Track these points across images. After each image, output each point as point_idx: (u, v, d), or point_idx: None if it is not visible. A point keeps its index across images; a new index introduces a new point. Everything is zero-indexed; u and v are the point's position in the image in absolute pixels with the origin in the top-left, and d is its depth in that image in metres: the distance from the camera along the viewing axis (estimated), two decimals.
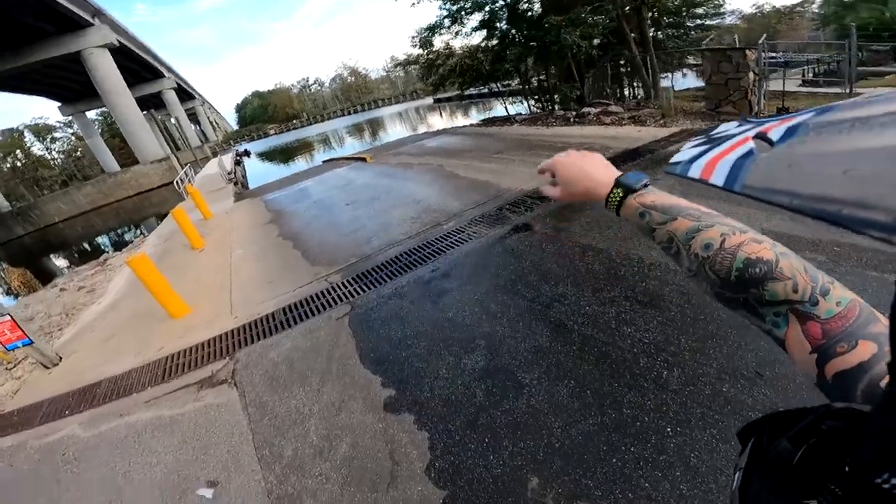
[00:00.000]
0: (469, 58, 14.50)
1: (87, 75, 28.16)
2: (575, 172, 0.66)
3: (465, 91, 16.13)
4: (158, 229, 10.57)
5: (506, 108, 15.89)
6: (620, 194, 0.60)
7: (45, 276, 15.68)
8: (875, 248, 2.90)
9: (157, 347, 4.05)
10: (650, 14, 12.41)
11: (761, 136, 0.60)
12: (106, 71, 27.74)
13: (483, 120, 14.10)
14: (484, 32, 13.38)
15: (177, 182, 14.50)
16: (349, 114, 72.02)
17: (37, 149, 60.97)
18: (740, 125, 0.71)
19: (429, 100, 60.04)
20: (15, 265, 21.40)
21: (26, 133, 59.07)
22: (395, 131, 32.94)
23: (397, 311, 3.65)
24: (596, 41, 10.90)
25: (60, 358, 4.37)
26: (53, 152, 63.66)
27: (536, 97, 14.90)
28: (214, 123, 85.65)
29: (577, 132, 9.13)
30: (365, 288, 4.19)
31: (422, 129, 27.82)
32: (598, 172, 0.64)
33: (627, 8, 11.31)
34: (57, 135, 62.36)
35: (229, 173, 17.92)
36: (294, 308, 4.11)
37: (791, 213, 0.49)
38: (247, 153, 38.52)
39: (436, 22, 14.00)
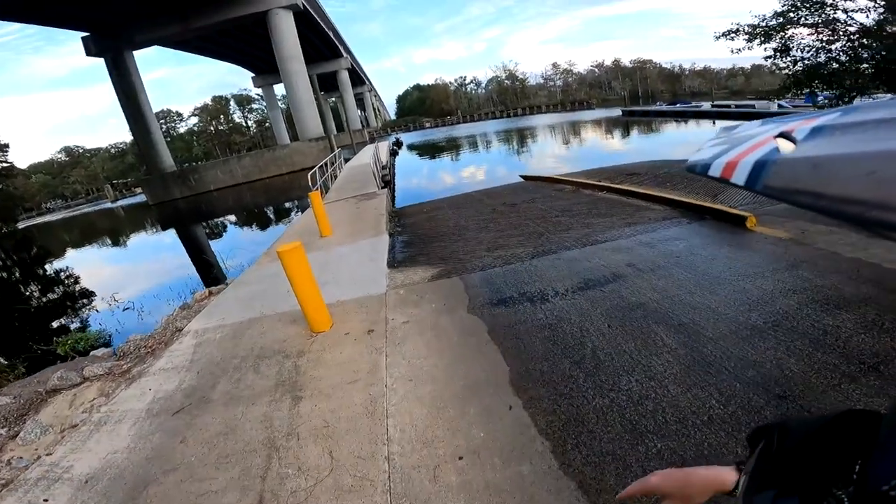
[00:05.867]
0: None
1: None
2: (680, 474, 0.56)
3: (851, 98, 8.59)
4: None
5: None
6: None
7: (186, 244, 12.57)
8: None
9: None
10: None
11: (785, 136, 0.58)
12: (285, 34, 27.16)
13: None
14: None
15: (310, 176, 9.89)
16: (501, 117, 66.71)
17: (237, 117, 70.78)
18: (763, 124, 0.69)
19: (596, 112, 50.33)
20: (164, 227, 21.11)
21: (231, 102, 68.79)
22: (551, 145, 26.65)
23: None
24: None
25: None
26: (249, 121, 73.34)
27: None
28: (377, 110, 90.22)
29: None
30: None
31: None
32: (702, 468, 0.57)
33: None
34: (255, 106, 71.46)
35: (383, 168, 13.42)
36: None
37: (815, 214, 0.48)
38: (399, 143, 35.66)
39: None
